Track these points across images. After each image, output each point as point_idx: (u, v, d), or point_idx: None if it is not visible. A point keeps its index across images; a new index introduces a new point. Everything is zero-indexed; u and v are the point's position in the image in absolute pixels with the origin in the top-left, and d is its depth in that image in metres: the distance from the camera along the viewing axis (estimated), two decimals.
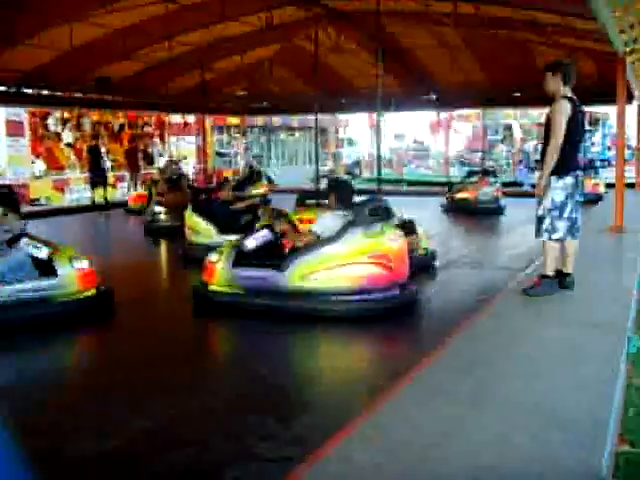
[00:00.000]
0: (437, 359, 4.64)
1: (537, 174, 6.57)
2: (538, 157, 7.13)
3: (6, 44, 13.65)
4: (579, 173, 6.16)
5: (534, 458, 3.11)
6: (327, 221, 7.08)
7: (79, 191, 21.43)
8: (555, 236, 6.13)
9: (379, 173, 13.79)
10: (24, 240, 6.78)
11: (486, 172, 17.36)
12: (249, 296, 6.78)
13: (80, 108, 20.70)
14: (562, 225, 6.12)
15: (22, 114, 20.25)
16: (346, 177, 16.07)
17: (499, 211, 16.41)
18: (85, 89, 17.86)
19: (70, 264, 6.78)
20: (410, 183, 26.99)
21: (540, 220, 6.17)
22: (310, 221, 8.67)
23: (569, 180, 6.03)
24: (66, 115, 22.82)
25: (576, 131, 5.99)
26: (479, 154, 27.67)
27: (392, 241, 6.89)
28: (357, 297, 6.58)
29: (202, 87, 17.78)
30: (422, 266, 8.88)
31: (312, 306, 6.56)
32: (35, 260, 6.70)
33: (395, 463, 3.11)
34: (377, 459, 3.14)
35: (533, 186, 20.31)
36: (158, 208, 13.50)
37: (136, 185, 21.56)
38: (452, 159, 26.78)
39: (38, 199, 19.72)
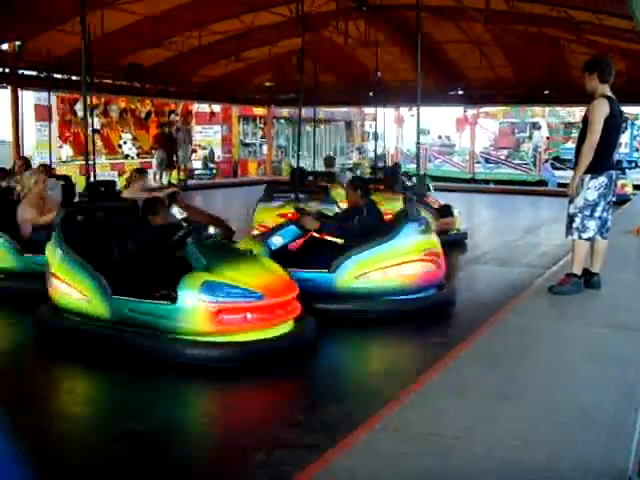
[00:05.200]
0: (464, 354, 4.65)
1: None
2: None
3: (37, 30, 13.77)
4: (613, 173, 6.11)
5: (560, 454, 3.13)
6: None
7: (103, 176, 21.60)
8: (585, 235, 6.10)
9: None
10: None
11: None
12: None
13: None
14: (592, 224, 6.08)
15: (51, 99, 20.41)
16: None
17: None
18: (115, 75, 17.97)
19: None
20: (434, 178, 26.93)
21: (571, 218, 6.13)
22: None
23: (603, 179, 5.99)
24: (94, 101, 22.96)
25: (613, 130, 5.92)
26: (505, 151, 27.54)
27: (436, 236, 6.93)
28: (411, 296, 6.47)
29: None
30: (456, 243, 10.72)
31: (363, 307, 6.33)
32: None
33: (420, 454, 3.14)
34: (403, 449, 3.17)
35: (559, 185, 20.25)
36: None
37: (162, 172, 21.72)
38: (478, 156, 26.63)
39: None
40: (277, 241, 6.84)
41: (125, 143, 23.94)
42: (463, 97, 22.32)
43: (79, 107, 22.62)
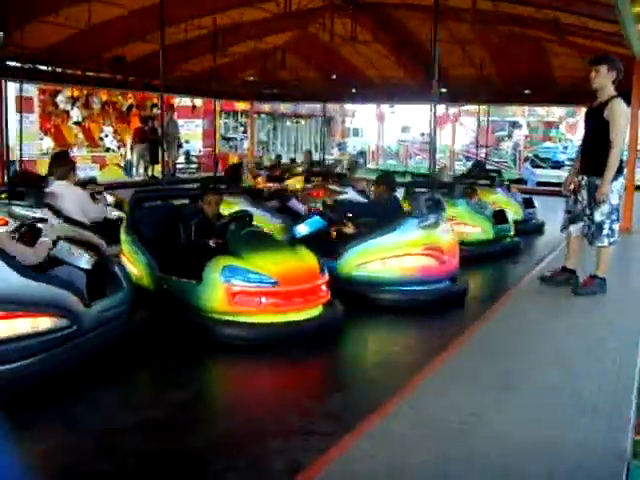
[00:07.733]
0: (465, 344, 4.84)
1: (569, 175, 6.43)
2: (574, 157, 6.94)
3: (24, 21, 13.66)
4: (625, 173, 6.11)
5: (563, 438, 3.32)
6: None
7: (84, 169, 21.52)
8: (612, 239, 6.05)
9: None
10: None
11: None
12: None
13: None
14: (617, 228, 6.08)
15: (32, 90, 20.29)
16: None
17: None
18: (99, 68, 17.87)
19: None
20: (414, 175, 27.15)
21: (600, 226, 5.99)
22: None
23: (622, 181, 6.00)
24: (75, 93, 22.85)
25: (626, 132, 5.93)
26: (484, 149, 27.72)
27: (445, 233, 7.04)
28: (408, 288, 6.65)
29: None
30: (511, 251, 9.73)
31: (364, 295, 6.59)
32: None
33: (432, 439, 3.29)
34: (415, 435, 3.33)
35: (539, 184, 20.38)
36: None
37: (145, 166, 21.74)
38: (458, 153, 26.94)
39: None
40: (302, 230, 7.22)
41: (107, 136, 23.82)
42: (445, 95, 22.45)
43: (60, 98, 22.52)
